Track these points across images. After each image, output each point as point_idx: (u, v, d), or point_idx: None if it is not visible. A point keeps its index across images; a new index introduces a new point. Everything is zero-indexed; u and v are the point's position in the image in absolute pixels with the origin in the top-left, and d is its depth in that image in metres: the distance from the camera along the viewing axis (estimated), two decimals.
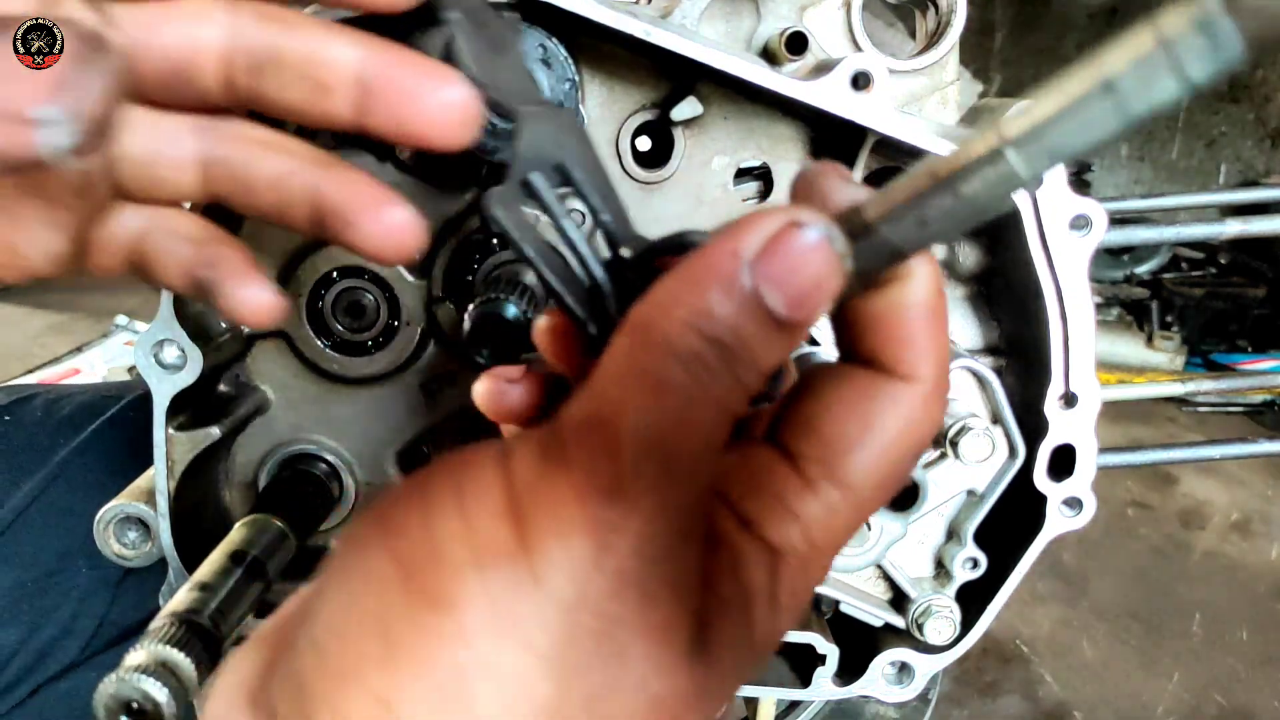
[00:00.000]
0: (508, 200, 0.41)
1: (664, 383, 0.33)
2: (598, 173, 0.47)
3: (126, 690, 0.57)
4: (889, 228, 0.34)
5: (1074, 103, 0.29)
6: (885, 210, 0.34)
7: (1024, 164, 0.31)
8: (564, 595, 0.32)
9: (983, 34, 4.95)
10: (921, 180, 0.33)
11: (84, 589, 1.01)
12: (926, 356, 0.38)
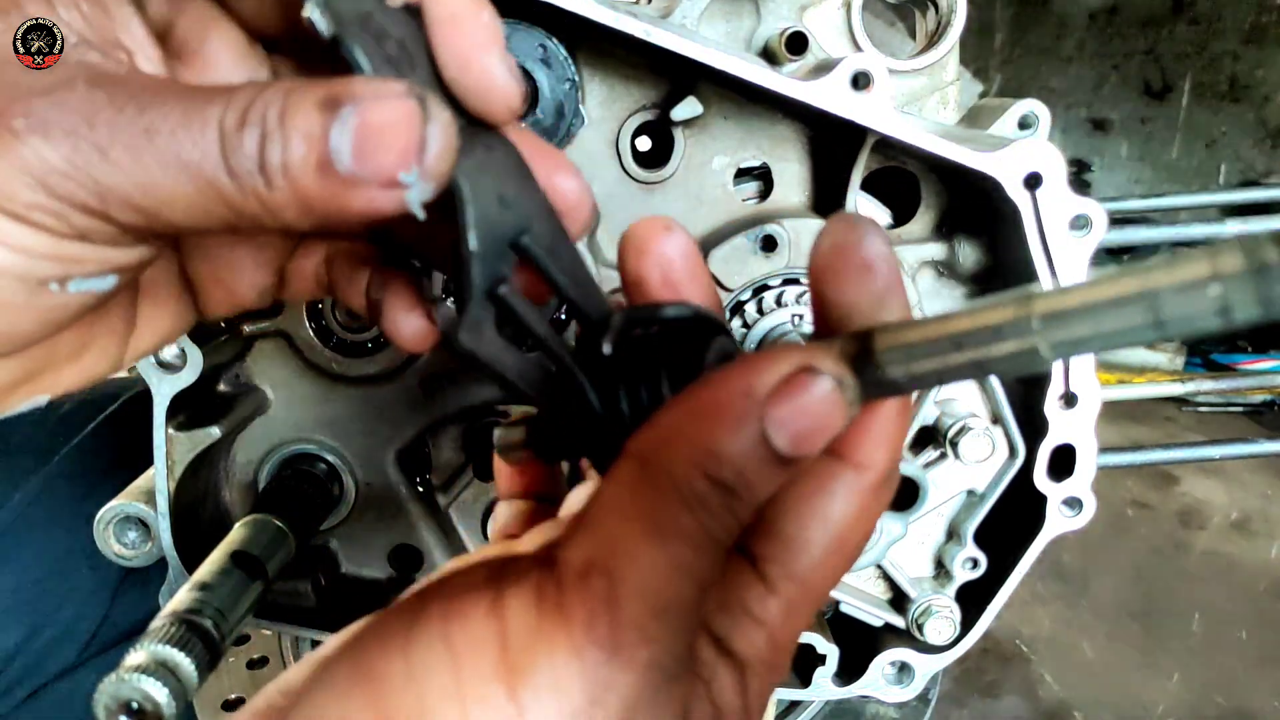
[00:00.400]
0: (480, 328, 0.40)
1: (667, 528, 0.33)
2: (552, 227, 0.44)
3: (126, 690, 0.57)
4: (896, 369, 0.35)
5: (1111, 302, 0.30)
6: (898, 350, 0.35)
7: (1047, 346, 0.31)
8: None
9: (983, 34, 4.95)
10: (940, 333, 0.34)
11: (85, 590, 1.01)
12: (882, 446, 0.39)
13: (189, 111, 0.35)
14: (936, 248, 0.84)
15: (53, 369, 0.47)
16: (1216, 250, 0.28)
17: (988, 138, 0.76)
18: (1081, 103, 4.78)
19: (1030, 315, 0.31)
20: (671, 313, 0.42)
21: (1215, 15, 4.34)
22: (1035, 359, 0.32)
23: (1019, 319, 0.32)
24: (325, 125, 0.34)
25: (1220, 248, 0.28)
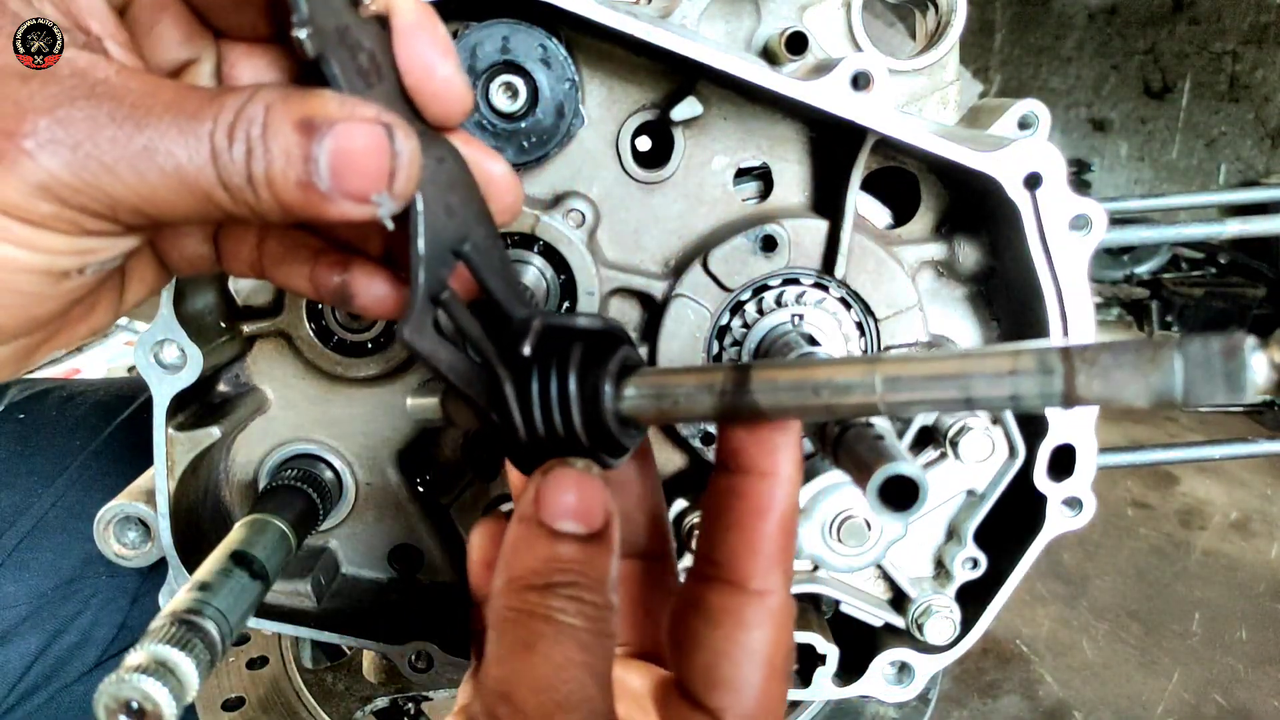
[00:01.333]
0: (422, 326, 0.45)
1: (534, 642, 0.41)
2: (487, 228, 0.50)
3: (126, 690, 0.56)
4: (764, 398, 0.43)
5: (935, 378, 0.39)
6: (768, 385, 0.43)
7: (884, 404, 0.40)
8: None
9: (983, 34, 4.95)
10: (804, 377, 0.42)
11: (104, 596, 1.01)
12: (773, 570, 0.49)
13: (182, 128, 0.39)
14: (936, 248, 0.84)
15: (67, 330, 0.51)
16: (1019, 352, 0.37)
17: (988, 138, 0.76)
18: (1081, 102, 4.78)
19: (874, 377, 0.39)
20: (584, 323, 0.48)
21: (1215, 15, 4.34)
22: (874, 411, 0.40)
23: (865, 379, 0.40)
24: (304, 147, 0.39)
25: (1022, 352, 0.37)
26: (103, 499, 0.80)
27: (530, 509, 0.45)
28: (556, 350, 0.47)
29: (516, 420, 0.47)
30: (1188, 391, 0.34)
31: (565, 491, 0.44)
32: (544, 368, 0.47)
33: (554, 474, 0.45)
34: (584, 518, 0.44)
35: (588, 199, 0.81)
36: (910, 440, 0.82)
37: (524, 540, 0.44)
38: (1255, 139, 4.37)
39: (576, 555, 0.44)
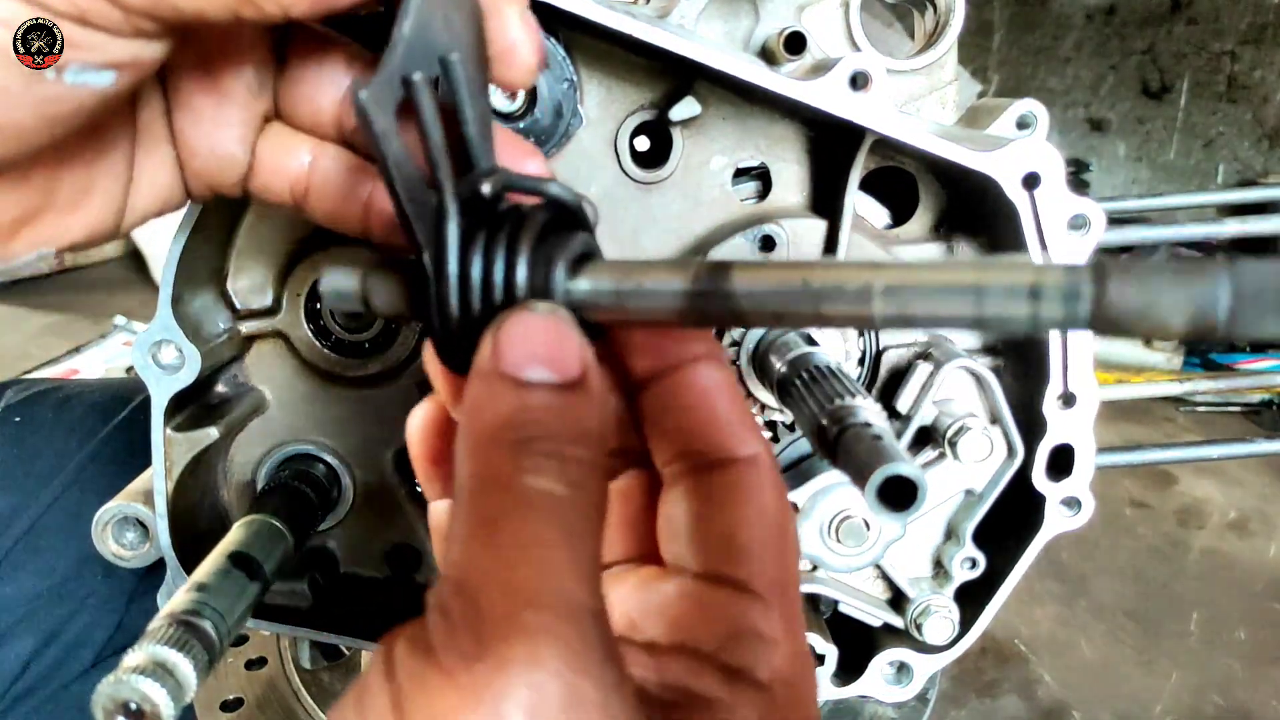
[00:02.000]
0: (381, 97, 0.39)
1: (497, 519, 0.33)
2: (479, 72, 0.44)
3: (124, 691, 0.56)
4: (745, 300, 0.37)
5: (945, 288, 0.33)
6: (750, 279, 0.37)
7: (881, 315, 0.34)
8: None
9: (981, 34, 4.95)
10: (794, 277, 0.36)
11: (100, 597, 1.01)
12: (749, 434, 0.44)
13: None
14: (935, 247, 0.84)
15: (55, 211, 0.46)
16: (1044, 268, 0.32)
17: (986, 138, 0.76)
18: (1079, 102, 4.79)
19: (873, 284, 0.34)
20: (555, 190, 0.42)
21: (1213, 15, 4.34)
22: (868, 322, 0.35)
23: (864, 285, 0.34)
24: None
25: (1047, 267, 0.32)
26: (99, 501, 0.80)
27: (489, 362, 0.37)
28: (516, 209, 0.41)
29: (450, 276, 0.39)
30: (1234, 313, 0.29)
31: (529, 337, 0.37)
32: (497, 222, 0.40)
33: (513, 319, 0.37)
34: (556, 365, 0.37)
35: (586, 199, 0.81)
36: (909, 440, 0.82)
37: (485, 395, 0.36)
38: (1253, 139, 4.37)
39: (552, 404, 0.36)
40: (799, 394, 0.68)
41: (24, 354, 3.49)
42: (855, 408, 0.61)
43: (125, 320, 3.49)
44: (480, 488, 0.34)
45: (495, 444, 0.35)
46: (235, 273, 0.83)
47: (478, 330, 0.39)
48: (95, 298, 4.14)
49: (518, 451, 0.34)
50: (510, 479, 0.34)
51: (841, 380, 0.67)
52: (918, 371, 0.80)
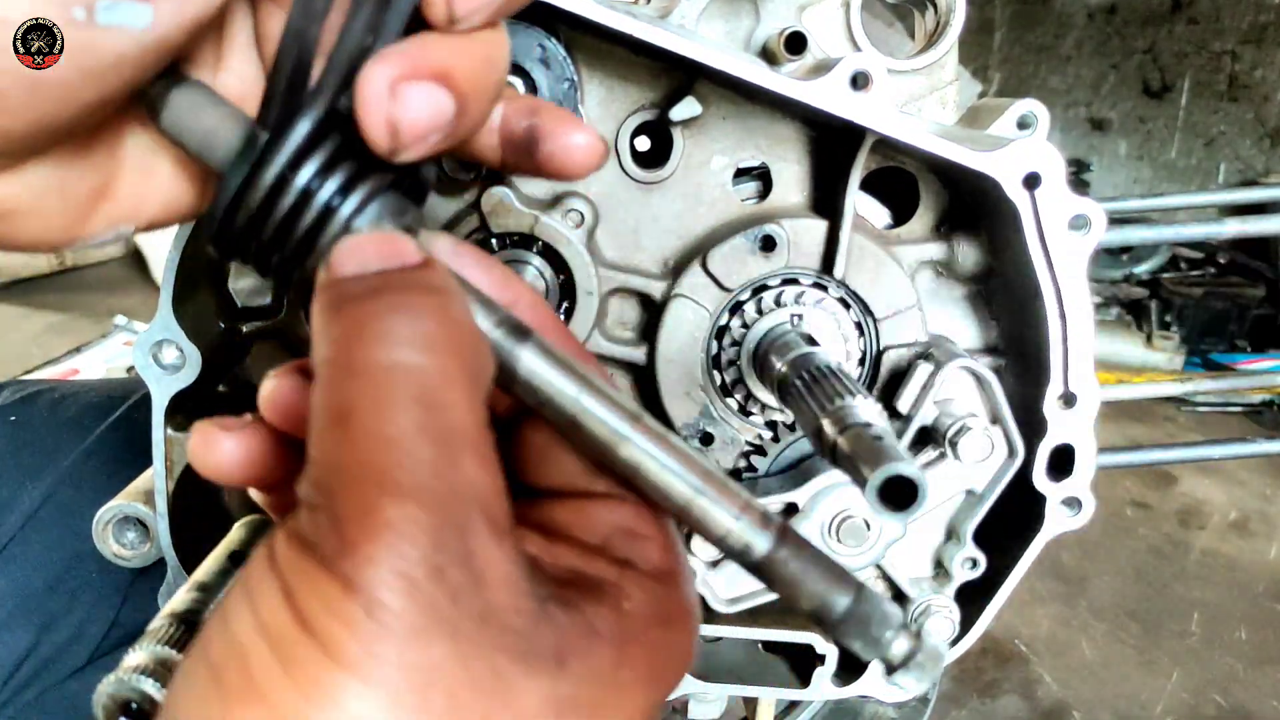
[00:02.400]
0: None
1: (338, 407, 0.33)
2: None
3: (125, 691, 0.57)
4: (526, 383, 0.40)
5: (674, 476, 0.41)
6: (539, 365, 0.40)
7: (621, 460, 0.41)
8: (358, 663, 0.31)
9: (982, 33, 4.95)
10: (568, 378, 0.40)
11: (94, 593, 1.01)
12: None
13: None
14: (935, 247, 0.84)
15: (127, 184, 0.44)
16: (750, 504, 0.41)
17: (987, 137, 0.76)
18: (1080, 102, 4.79)
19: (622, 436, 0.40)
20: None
21: (1214, 15, 4.34)
22: (606, 457, 0.41)
23: (613, 435, 0.40)
24: None
25: (752, 504, 0.41)
26: (94, 497, 0.80)
27: (324, 278, 0.37)
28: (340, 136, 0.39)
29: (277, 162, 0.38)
30: (840, 622, 0.40)
31: (359, 249, 0.37)
32: (313, 139, 0.39)
33: (342, 243, 0.38)
34: (394, 256, 0.37)
35: (587, 199, 0.81)
36: (909, 440, 0.82)
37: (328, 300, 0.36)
38: (1254, 138, 4.37)
39: (395, 280, 0.36)
40: (800, 394, 0.68)
41: (25, 354, 3.49)
42: (856, 408, 0.61)
43: (126, 320, 3.49)
44: (329, 374, 0.34)
45: (340, 325, 0.34)
46: (235, 273, 0.83)
47: (259, 228, 0.39)
48: (96, 298, 4.15)
49: (363, 326, 0.34)
50: (360, 357, 0.33)
51: (842, 380, 0.67)
52: (918, 371, 0.80)
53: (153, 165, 0.46)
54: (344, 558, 0.31)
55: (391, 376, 0.33)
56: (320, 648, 0.31)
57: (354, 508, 0.32)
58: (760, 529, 0.40)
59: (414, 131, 0.38)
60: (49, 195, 0.42)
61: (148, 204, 0.46)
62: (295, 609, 0.32)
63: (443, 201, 0.82)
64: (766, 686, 0.93)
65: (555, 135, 0.47)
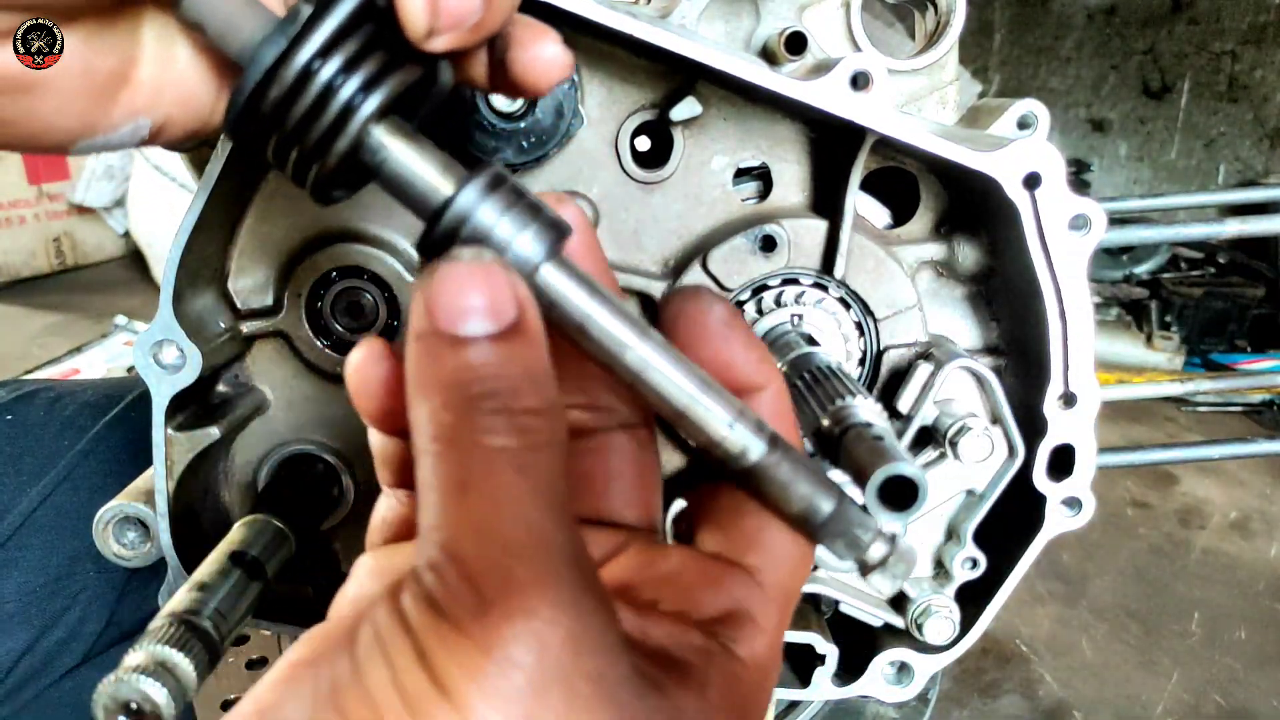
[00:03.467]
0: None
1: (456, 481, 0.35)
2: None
3: (125, 691, 0.57)
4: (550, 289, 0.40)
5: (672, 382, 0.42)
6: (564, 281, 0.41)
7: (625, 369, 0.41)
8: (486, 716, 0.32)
9: (982, 34, 4.95)
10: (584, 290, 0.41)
11: (91, 592, 1.01)
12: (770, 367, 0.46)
13: None
14: (935, 247, 0.84)
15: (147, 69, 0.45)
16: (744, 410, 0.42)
17: (987, 138, 0.76)
18: (1080, 103, 4.79)
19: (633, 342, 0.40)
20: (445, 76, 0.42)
21: (1214, 15, 4.34)
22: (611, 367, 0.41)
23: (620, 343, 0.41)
24: None
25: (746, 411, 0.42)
26: (91, 497, 0.80)
27: (424, 321, 0.37)
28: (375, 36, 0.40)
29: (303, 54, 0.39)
30: (824, 525, 0.42)
31: (460, 288, 0.37)
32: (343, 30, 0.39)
33: (441, 272, 0.37)
34: (491, 313, 0.37)
35: (587, 199, 0.81)
36: (909, 440, 0.82)
37: (425, 360, 0.37)
38: (1254, 139, 4.37)
39: (492, 358, 0.36)
40: (800, 394, 0.68)
41: (25, 354, 3.49)
42: (856, 408, 0.61)
43: (126, 320, 3.49)
44: (441, 451, 0.35)
45: (445, 407, 0.36)
46: (236, 273, 0.83)
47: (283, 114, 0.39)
48: (96, 297, 4.15)
49: (468, 412, 0.35)
50: (467, 440, 0.35)
51: (842, 380, 0.67)
52: (919, 371, 0.80)
53: (171, 53, 0.46)
54: (480, 619, 0.33)
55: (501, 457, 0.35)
56: (454, 708, 0.32)
57: (487, 568, 0.34)
58: (755, 434, 0.41)
59: (452, 15, 0.40)
60: (73, 68, 0.42)
61: (166, 95, 0.46)
62: (430, 670, 0.33)
63: None
64: None
65: (525, 44, 0.47)
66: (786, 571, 0.44)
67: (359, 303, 0.83)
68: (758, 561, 0.43)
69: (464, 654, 0.33)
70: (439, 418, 0.36)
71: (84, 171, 4.39)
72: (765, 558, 0.43)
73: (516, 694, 0.33)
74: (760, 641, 0.42)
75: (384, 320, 0.84)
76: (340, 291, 0.83)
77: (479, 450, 0.35)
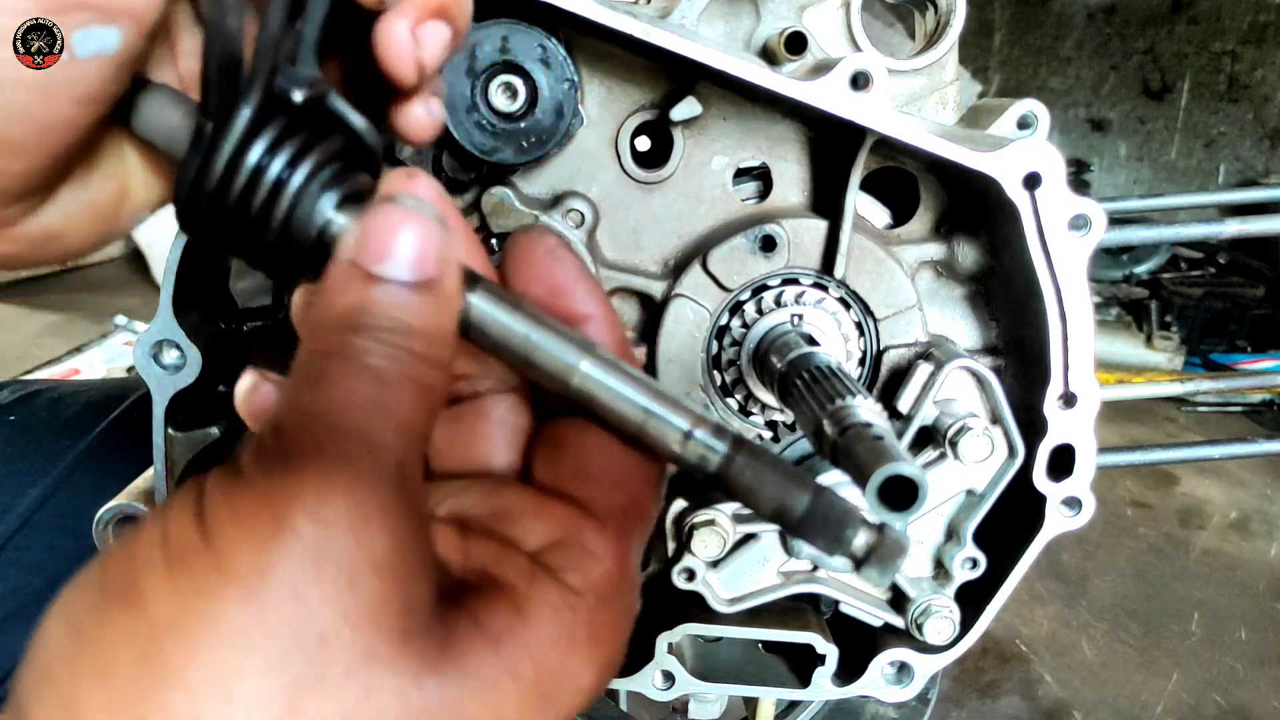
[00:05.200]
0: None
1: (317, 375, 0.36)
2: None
3: None
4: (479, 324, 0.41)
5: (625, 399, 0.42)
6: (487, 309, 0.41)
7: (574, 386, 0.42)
8: (248, 578, 0.31)
9: (982, 34, 4.95)
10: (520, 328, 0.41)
11: None
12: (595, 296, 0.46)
13: None
14: (935, 247, 0.84)
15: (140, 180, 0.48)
16: (704, 417, 0.41)
17: (987, 138, 0.76)
18: (1080, 103, 4.79)
19: (582, 362, 0.41)
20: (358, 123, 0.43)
21: (1214, 15, 4.34)
22: (561, 388, 0.41)
23: (569, 365, 0.41)
24: None
25: (706, 418, 0.41)
26: (92, 497, 0.80)
27: (350, 248, 0.38)
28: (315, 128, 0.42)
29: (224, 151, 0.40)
30: (800, 522, 0.41)
31: (393, 230, 0.38)
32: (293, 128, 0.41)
33: (384, 209, 0.39)
34: (412, 262, 0.38)
35: (587, 199, 0.81)
36: (909, 440, 0.82)
37: (338, 282, 0.38)
38: (1254, 139, 4.37)
39: (396, 301, 0.37)
40: (800, 394, 0.68)
41: (25, 354, 3.49)
42: (856, 408, 0.61)
43: (126, 320, 3.49)
44: (310, 359, 0.37)
45: (335, 327, 0.37)
46: (236, 273, 0.83)
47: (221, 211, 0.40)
48: (96, 297, 4.15)
49: (354, 331, 0.37)
50: (338, 350, 0.36)
51: (842, 380, 0.67)
52: (919, 372, 0.80)
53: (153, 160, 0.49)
54: (274, 482, 0.33)
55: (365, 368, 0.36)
56: (214, 558, 0.32)
57: (303, 438, 0.34)
58: (715, 439, 0.41)
59: (433, 64, 0.45)
60: (82, 212, 0.46)
61: (159, 190, 0.50)
62: (202, 523, 0.33)
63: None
64: (766, 686, 0.93)
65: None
66: (622, 499, 0.43)
67: None
68: (588, 492, 0.43)
69: (244, 509, 0.32)
70: (323, 333, 0.37)
71: None
72: (595, 488, 0.43)
73: (287, 559, 0.31)
74: (596, 570, 0.41)
75: None
76: None
77: (344, 359, 0.36)
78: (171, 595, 0.32)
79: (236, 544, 0.32)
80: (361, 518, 0.33)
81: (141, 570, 0.33)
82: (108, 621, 0.32)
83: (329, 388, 0.35)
